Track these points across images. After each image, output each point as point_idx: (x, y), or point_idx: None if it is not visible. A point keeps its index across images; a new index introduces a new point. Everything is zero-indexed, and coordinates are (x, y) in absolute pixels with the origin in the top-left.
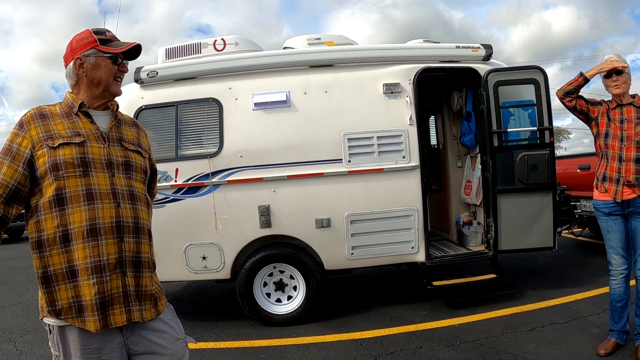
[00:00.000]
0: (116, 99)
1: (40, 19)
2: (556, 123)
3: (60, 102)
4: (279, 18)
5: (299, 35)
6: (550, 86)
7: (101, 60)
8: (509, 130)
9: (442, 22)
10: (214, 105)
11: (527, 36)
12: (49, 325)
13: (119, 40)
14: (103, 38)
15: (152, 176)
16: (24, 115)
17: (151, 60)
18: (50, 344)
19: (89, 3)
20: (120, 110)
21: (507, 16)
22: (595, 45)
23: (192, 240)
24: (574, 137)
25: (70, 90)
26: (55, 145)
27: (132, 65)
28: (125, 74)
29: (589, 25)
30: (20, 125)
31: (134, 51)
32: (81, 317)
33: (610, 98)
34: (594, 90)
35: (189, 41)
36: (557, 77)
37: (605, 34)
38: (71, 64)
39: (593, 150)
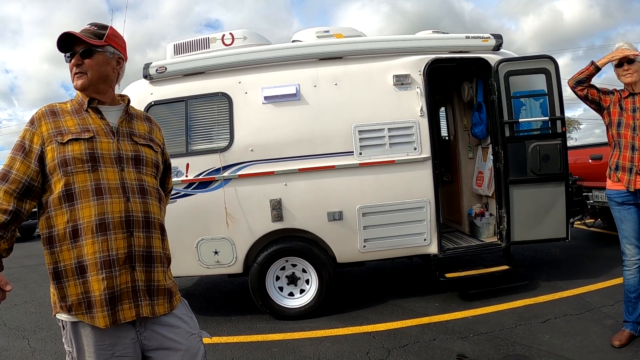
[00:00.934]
0: (127, 94)
1: (48, 18)
2: (567, 113)
3: (71, 100)
4: (289, 11)
5: (308, 28)
6: (561, 76)
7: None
8: (520, 120)
9: (453, 13)
10: (224, 99)
11: (538, 26)
12: (62, 321)
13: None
14: None
15: (166, 171)
16: (36, 113)
17: (161, 56)
18: (63, 340)
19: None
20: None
21: (518, 6)
22: (606, 34)
23: (204, 235)
24: (585, 128)
25: None
26: (65, 141)
27: (136, 62)
28: (81, 66)
29: (601, 14)
30: (32, 122)
31: (67, 43)
32: (90, 313)
33: (623, 87)
34: (605, 79)
35: (198, 36)
36: (569, 67)
37: (616, 23)
38: None
39: (604, 140)
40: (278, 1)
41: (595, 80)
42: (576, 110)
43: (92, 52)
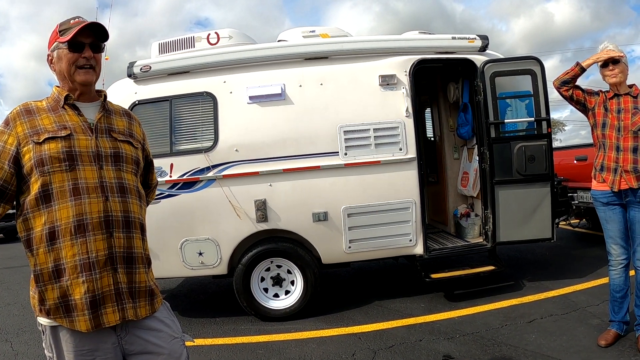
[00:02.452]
0: (110, 94)
1: (36, 14)
2: (554, 115)
3: (47, 97)
4: (281, 9)
5: (295, 27)
6: (548, 77)
7: (61, 51)
8: (506, 121)
9: (445, 14)
10: (209, 99)
11: (529, 28)
12: (42, 325)
13: (77, 25)
14: (63, 28)
15: (148, 166)
16: (10, 113)
17: (150, 54)
18: (43, 344)
19: None
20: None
21: (509, 7)
22: (596, 36)
23: (188, 235)
24: (570, 129)
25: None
26: (41, 141)
27: (125, 59)
28: (94, 59)
29: (591, 16)
30: (7, 122)
31: (95, 32)
32: (69, 317)
33: (608, 88)
34: (593, 81)
35: (183, 35)
36: (558, 68)
37: (606, 26)
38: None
39: (590, 141)
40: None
41: (583, 82)
42: (563, 111)
43: (102, 46)
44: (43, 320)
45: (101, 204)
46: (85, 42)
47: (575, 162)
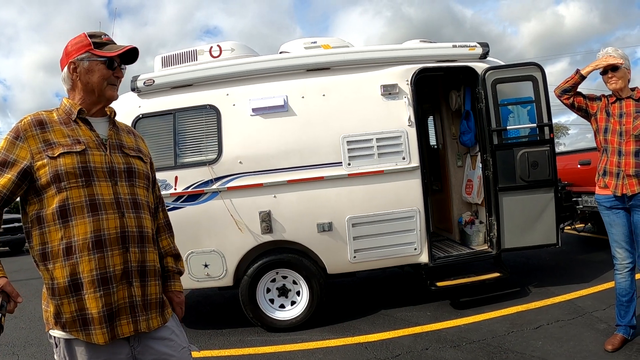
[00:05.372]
0: (114, 107)
1: (46, 23)
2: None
3: (57, 108)
4: (292, 17)
5: (301, 38)
6: (554, 81)
7: (94, 64)
8: (508, 127)
9: (455, 19)
10: (212, 112)
11: (538, 31)
12: (55, 338)
13: (114, 44)
14: (98, 41)
15: (153, 182)
16: (20, 123)
17: (154, 67)
18: (56, 357)
19: (98, 6)
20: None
21: (519, 11)
22: (605, 39)
23: (193, 248)
24: (576, 133)
25: (67, 96)
26: (56, 155)
27: (134, 70)
28: (121, 79)
29: (600, 19)
30: (17, 134)
31: (131, 55)
32: (86, 331)
33: (610, 92)
34: (600, 85)
35: (186, 49)
36: (567, 72)
37: (615, 27)
38: (66, 68)
39: (593, 145)
40: (281, 7)
41: (589, 85)
42: (570, 114)
43: (125, 68)
44: (57, 333)
45: (118, 220)
46: (117, 61)
47: (579, 166)
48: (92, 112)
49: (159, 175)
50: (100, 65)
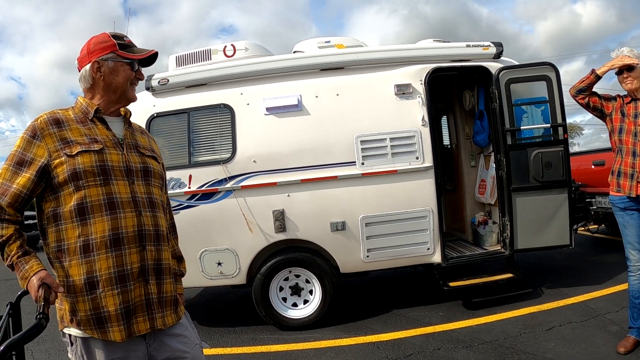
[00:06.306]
0: (128, 106)
1: (61, 20)
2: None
3: (72, 107)
4: (307, 15)
5: (325, 33)
6: (569, 81)
7: (119, 65)
8: (522, 127)
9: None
10: (226, 111)
11: (554, 30)
12: (70, 336)
13: (136, 47)
14: (122, 43)
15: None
16: (37, 121)
17: (168, 67)
18: (71, 355)
19: (113, 4)
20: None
21: (537, 10)
22: (621, 38)
23: (207, 246)
24: (591, 133)
25: (83, 94)
26: (74, 153)
27: (149, 68)
28: (140, 80)
29: (616, 17)
30: (34, 132)
31: (150, 58)
32: (102, 329)
33: (626, 92)
34: (616, 84)
35: (200, 48)
36: (584, 71)
37: (631, 27)
38: (88, 66)
39: (607, 145)
40: (297, 5)
41: (605, 85)
42: (586, 114)
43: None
44: (74, 331)
45: (135, 219)
46: (137, 63)
47: (592, 167)
48: (109, 111)
49: (174, 174)
50: (125, 66)
